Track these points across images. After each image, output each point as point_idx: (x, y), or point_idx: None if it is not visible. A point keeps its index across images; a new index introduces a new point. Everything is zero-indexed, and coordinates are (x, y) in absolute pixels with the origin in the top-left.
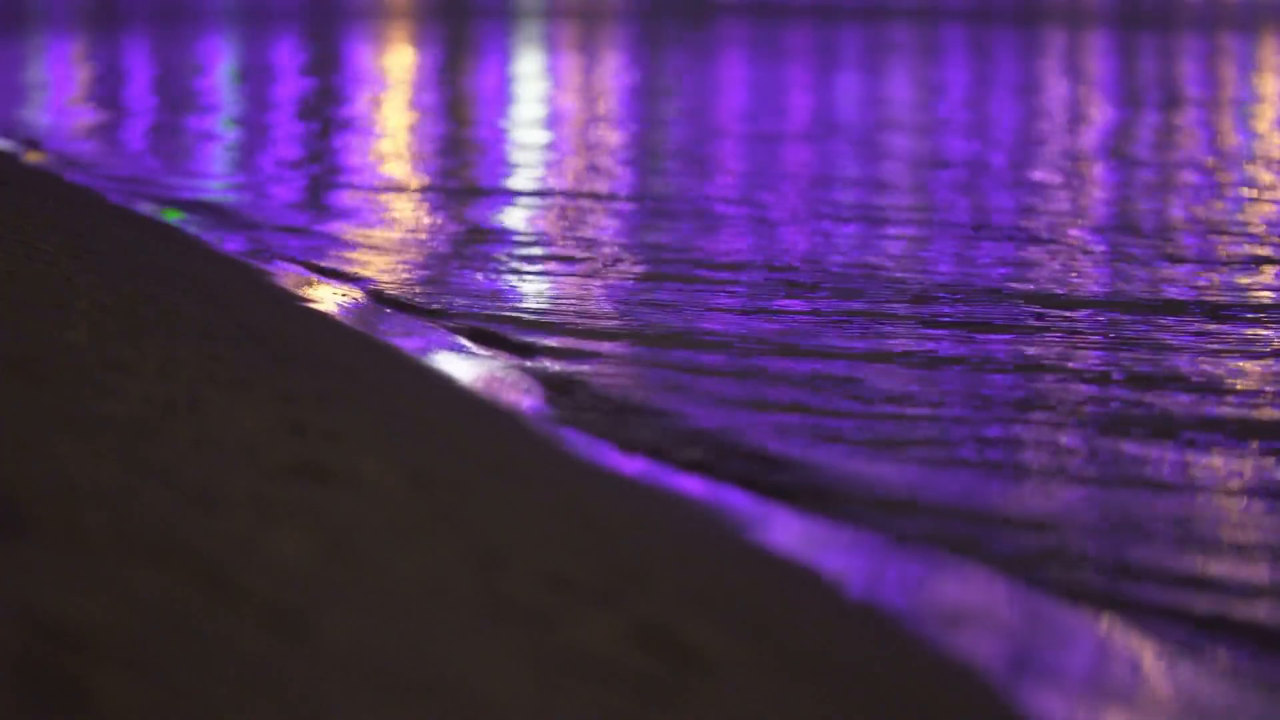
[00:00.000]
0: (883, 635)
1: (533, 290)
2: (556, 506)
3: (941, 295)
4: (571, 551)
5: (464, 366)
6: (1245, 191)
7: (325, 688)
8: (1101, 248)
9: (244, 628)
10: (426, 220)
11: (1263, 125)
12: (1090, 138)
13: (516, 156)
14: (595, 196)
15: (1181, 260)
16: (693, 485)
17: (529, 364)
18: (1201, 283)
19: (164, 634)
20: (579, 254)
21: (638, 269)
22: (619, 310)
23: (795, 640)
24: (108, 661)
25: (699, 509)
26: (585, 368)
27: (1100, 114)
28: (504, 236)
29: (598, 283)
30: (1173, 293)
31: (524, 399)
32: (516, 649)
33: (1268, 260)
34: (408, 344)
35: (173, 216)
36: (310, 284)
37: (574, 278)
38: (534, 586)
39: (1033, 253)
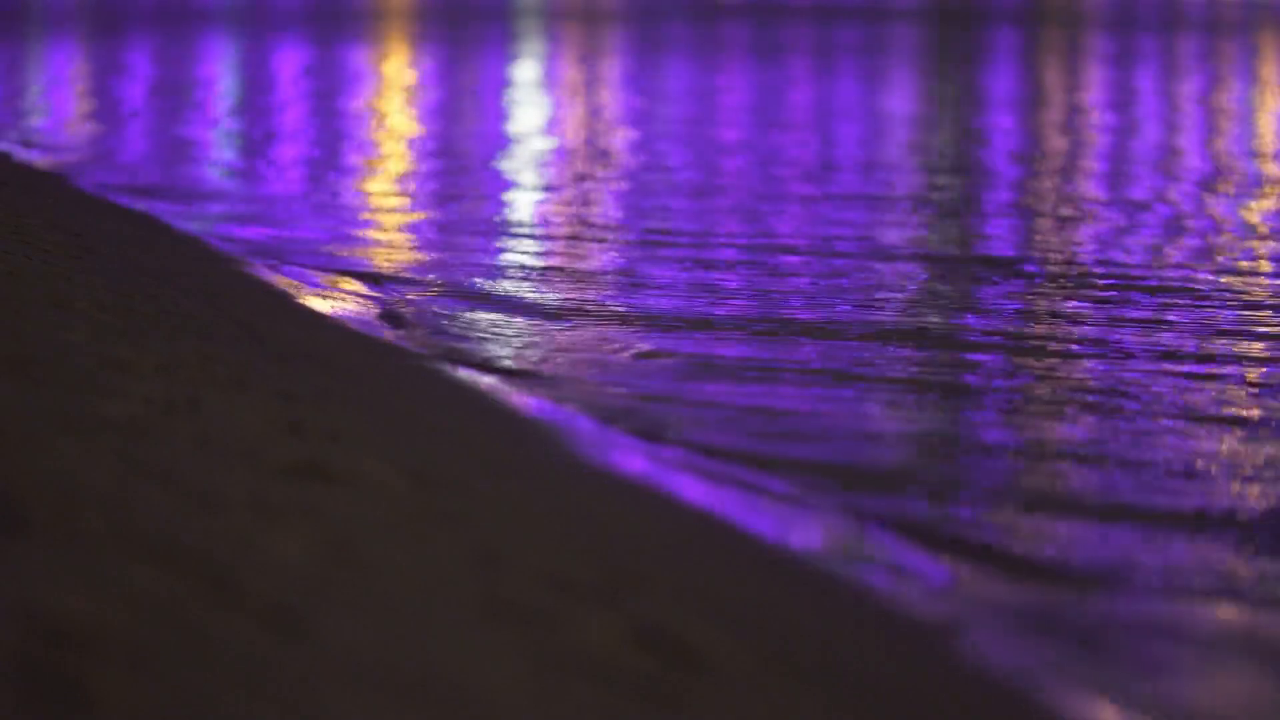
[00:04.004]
0: (885, 635)
1: (535, 289)
2: (556, 506)
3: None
4: (571, 551)
5: (464, 366)
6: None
7: (325, 687)
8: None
9: (244, 627)
10: (427, 220)
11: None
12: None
13: (517, 156)
14: (597, 193)
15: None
16: (693, 484)
17: (530, 363)
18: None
19: (164, 633)
20: (582, 252)
21: (646, 264)
22: (621, 309)
23: (796, 640)
24: (108, 661)
25: (699, 509)
26: (587, 366)
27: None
28: (506, 236)
29: (601, 280)
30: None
31: (524, 398)
32: (516, 649)
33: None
34: (407, 343)
35: (172, 216)
36: (310, 284)
37: (576, 276)
38: (534, 586)
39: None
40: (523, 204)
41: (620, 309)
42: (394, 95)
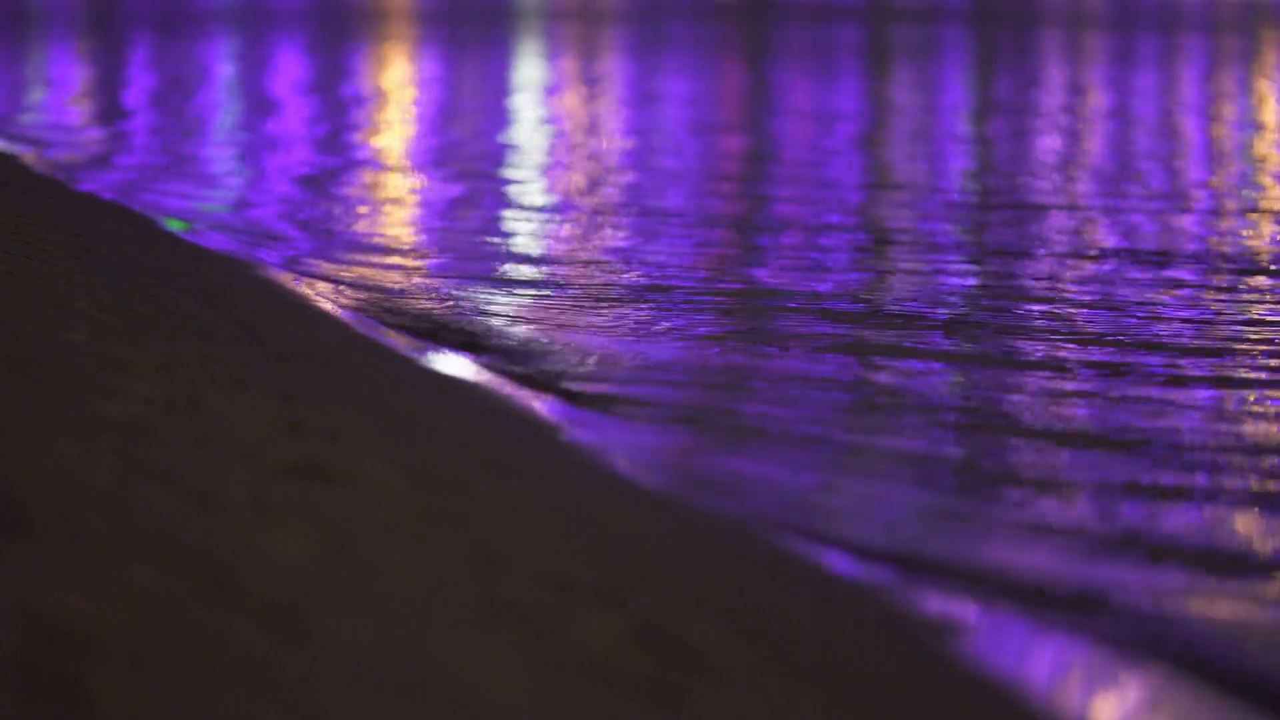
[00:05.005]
0: (885, 635)
1: (531, 292)
2: (556, 506)
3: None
4: (571, 551)
5: (463, 367)
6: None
7: (325, 687)
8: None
9: (244, 627)
10: (425, 224)
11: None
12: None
13: (516, 164)
14: (593, 208)
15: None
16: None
17: (528, 364)
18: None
19: (164, 633)
20: (577, 258)
21: (636, 273)
22: (617, 310)
23: (796, 640)
24: (108, 661)
25: (699, 509)
26: (584, 367)
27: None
28: (503, 239)
29: (595, 285)
30: None
31: (523, 399)
32: (516, 649)
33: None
34: (407, 344)
35: (173, 219)
36: (309, 285)
37: (572, 280)
38: (534, 586)
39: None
40: (523, 211)
41: (617, 315)
42: (394, 101)
